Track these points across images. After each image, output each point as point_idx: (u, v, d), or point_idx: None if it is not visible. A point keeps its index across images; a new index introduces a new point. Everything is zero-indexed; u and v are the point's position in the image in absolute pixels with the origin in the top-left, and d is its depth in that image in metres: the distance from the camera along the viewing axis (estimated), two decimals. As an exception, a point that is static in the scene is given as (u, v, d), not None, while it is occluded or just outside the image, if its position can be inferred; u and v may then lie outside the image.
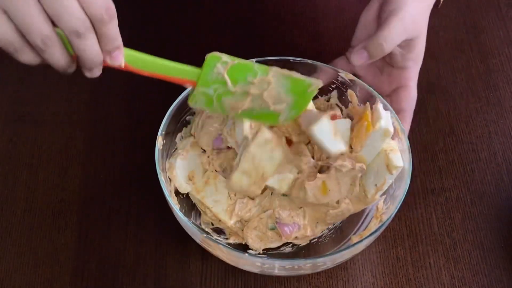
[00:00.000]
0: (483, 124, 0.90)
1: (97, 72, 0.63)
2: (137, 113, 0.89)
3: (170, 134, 0.78)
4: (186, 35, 0.98)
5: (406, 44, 0.79)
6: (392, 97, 0.81)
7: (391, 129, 0.74)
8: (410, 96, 0.81)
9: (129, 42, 1.00)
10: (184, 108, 0.79)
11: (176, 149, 0.79)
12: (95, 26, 0.60)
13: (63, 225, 0.80)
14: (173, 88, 0.80)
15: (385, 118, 0.75)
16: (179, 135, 0.80)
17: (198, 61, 0.94)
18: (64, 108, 0.89)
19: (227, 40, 0.97)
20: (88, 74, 0.63)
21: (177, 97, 0.78)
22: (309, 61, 0.81)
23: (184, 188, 0.76)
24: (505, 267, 0.78)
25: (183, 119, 0.80)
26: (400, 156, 0.74)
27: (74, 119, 0.88)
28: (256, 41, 0.97)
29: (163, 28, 0.98)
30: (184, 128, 0.80)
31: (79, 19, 0.58)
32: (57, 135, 0.87)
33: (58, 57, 0.61)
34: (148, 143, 0.85)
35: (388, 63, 0.82)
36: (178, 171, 0.76)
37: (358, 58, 0.77)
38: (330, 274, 0.77)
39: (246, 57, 0.81)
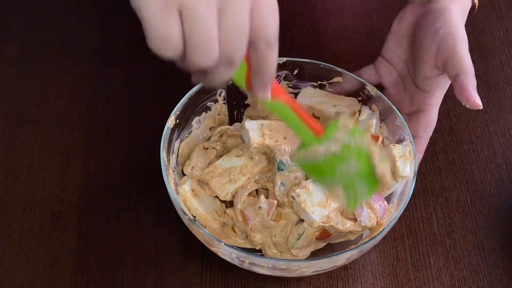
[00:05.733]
0: (483, 124, 0.90)
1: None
2: (137, 113, 0.89)
3: (187, 115, 0.79)
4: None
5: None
6: (411, 119, 0.79)
7: (373, 121, 0.77)
8: (430, 124, 0.79)
9: (129, 42, 1.01)
10: (206, 93, 0.79)
11: (190, 132, 0.80)
12: (258, 50, 0.54)
13: (63, 225, 0.80)
14: (175, 89, 0.80)
15: (367, 113, 0.78)
16: (196, 118, 0.80)
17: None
18: (64, 108, 0.89)
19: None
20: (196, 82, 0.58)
21: (180, 99, 0.77)
22: (338, 68, 0.81)
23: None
24: (505, 267, 0.78)
25: (203, 104, 0.80)
26: (408, 165, 0.74)
27: (74, 119, 0.88)
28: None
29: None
30: (203, 113, 0.81)
31: (242, 46, 0.52)
32: (57, 135, 0.87)
33: (227, 76, 0.54)
34: (148, 142, 0.86)
35: (413, 80, 0.79)
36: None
37: (479, 99, 0.73)
38: (330, 274, 0.77)
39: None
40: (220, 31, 0.51)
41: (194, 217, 0.76)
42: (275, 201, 0.74)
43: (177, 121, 0.77)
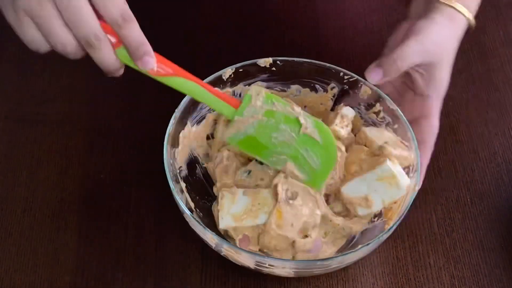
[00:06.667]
0: (483, 124, 0.90)
1: (115, 75, 0.66)
2: (137, 112, 0.89)
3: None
4: (186, 35, 0.97)
5: (427, 69, 0.78)
6: (412, 126, 0.78)
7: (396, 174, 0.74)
8: (431, 128, 0.79)
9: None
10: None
11: (204, 117, 0.81)
12: (115, 31, 0.63)
13: (63, 225, 0.80)
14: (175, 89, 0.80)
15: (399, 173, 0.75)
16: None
17: (198, 62, 0.94)
18: (64, 108, 0.89)
19: (227, 40, 0.97)
20: (107, 76, 0.66)
21: (181, 98, 0.77)
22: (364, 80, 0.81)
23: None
24: (505, 267, 0.78)
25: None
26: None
27: (74, 119, 0.88)
28: (256, 41, 0.97)
29: (162, 28, 0.98)
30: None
31: (91, 28, 0.61)
32: (57, 135, 0.87)
33: (106, 57, 0.63)
34: (148, 142, 0.86)
35: (410, 88, 0.81)
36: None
37: (373, 75, 0.77)
38: (330, 274, 0.77)
39: (246, 57, 0.82)
40: (67, 23, 0.61)
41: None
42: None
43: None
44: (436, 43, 0.77)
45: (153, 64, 0.66)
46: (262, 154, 0.73)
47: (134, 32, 0.63)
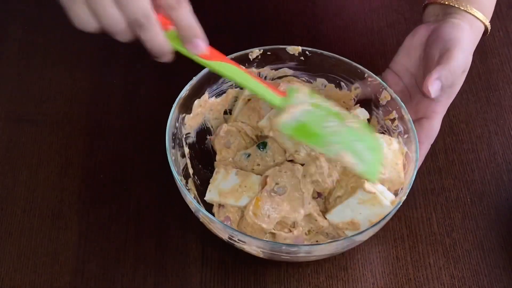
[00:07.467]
0: (483, 124, 0.90)
1: (165, 59, 0.65)
2: (137, 112, 0.89)
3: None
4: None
5: None
6: (414, 126, 0.78)
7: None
8: (432, 130, 0.80)
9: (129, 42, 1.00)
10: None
11: (224, 92, 0.82)
12: (167, 12, 0.63)
13: (63, 225, 0.80)
14: (175, 89, 0.80)
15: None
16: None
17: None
18: (64, 108, 0.89)
19: (226, 40, 0.97)
20: (158, 60, 0.65)
21: (177, 98, 0.78)
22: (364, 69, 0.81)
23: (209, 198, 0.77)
24: (505, 267, 0.78)
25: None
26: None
27: (74, 119, 0.88)
28: (255, 41, 0.96)
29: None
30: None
31: (140, 7, 0.61)
32: (57, 135, 0.87)
33: (155, 37, 0.63)
34: (148, 142, 0.86)
35: (420, 90, 0.81)
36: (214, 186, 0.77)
37: (436, 89, 0.76)
38: (330, 274, 0.77)
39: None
40: (117, 1, 0.61)
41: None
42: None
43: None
44: (470, 52, 0.79)
45: (203, 47, 0.66)
46: (316, 142, 0.71)
47: (187, 14, 0.63)
